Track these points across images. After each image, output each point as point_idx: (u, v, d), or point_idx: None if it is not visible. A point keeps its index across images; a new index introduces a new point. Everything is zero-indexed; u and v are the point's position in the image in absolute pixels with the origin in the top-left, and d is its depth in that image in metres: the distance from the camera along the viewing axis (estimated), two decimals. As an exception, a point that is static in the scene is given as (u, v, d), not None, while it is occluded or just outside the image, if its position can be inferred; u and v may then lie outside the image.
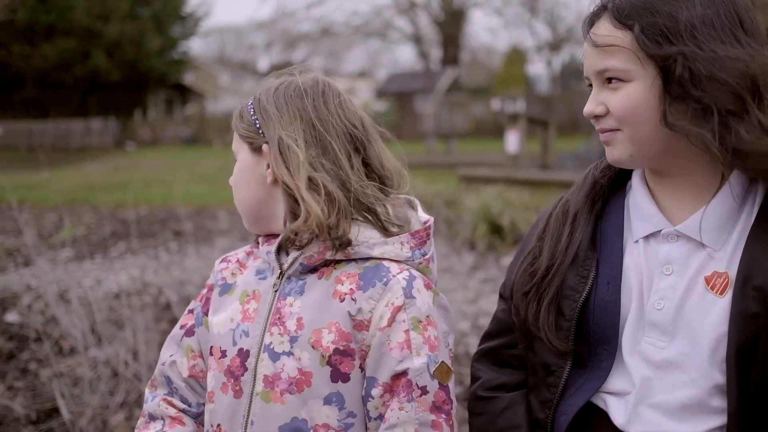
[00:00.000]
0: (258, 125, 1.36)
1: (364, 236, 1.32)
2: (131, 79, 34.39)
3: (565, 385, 1.32)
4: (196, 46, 66.75)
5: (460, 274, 6.31)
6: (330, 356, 1.27)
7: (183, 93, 42.51)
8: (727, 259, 1.22)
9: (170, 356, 1.47)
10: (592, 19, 1.28)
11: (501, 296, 1.53)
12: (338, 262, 1.33)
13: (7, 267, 7.15)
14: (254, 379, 1.31)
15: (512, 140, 15.35)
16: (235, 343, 1.34)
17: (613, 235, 1.33)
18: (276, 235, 1.38)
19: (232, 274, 1.45)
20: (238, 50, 64.71)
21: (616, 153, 1.28)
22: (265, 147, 1.35)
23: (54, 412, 3.63)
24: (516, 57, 35.11)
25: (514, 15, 37.16)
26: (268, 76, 1.45)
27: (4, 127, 31.90)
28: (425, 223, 1.39)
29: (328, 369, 1.27)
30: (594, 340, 1.30)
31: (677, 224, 1.26)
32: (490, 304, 5.12)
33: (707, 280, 1.23)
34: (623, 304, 1.29)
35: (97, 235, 9.00)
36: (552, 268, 1.34)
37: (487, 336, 1.52)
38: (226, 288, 1.44)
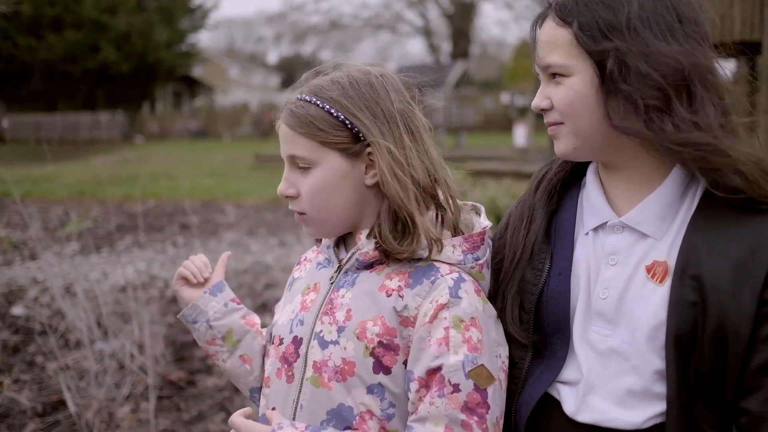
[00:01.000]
0: (356, 129, 1.32)
1: None
2: (139, 72, 34.44)
3: (525, 376, 1.35)
4: (204, 39, 67.02)
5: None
6: (374, 348, 1.29)
7: (192, 86, 42.55)
8: (668, 248, 1.25)
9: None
10: (541, 19, 1.32)
11: None
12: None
13: (13, 260, 7.17)
14: (305, 365, 1.35)
15: (520, 134, 15.30)
16: (291, 331, 1.40)
17: (566, 227, 1.37)
18: None
19: (300, 270, 1.54)
20: (247, 43, 64.96)
21: (562, 146, 1.32)
22: (370, 149, 1.32)
23: (60, 404, 3.65)
24: (526, 50, 34.97)
25: (525, 8, 37.08)
26: (307, 73, 1.41)
27: (12, 119, 32.02)
28: (482, 228, 1.39)
29: (371, 360, 1.29)
30: (548, 331, 1.33)
31: (623, 216, 1.29)
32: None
33: (648, 269, 1.25)
34: (573, 295, 1.32)
35: (103, 229, 9.03)
36: (513, 262, 1.37)
37: None
38: (293, 283, 1.52)
